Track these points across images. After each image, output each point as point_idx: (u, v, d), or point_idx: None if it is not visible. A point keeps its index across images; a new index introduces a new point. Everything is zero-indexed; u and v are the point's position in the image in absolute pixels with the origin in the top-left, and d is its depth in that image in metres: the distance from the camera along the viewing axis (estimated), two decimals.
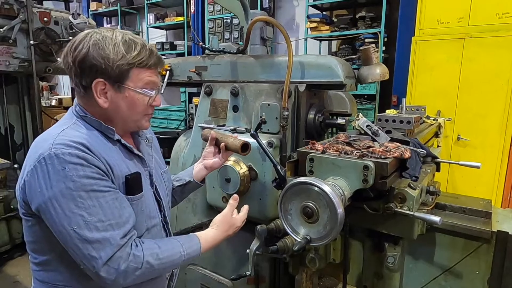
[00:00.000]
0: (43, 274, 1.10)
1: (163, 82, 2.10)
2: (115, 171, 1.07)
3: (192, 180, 1.49)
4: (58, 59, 1.10)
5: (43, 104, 4.44)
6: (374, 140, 1.48)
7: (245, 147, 1.45)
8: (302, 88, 1.69)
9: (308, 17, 5.12)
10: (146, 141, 1.30)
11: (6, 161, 3.46)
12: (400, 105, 2.12)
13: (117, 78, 1.05)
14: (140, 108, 1.12)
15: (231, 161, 1.73)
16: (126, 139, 1.18)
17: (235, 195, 1.38)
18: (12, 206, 3.57)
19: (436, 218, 1.16)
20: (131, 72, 1.06)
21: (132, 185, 1.11)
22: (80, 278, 1.07)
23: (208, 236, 1.26)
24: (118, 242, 1.01)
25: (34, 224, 1.05)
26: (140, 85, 1.09)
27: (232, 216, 1.32)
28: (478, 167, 1.59)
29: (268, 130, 1.73)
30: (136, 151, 1.18)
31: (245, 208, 1.37)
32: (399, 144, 1.37)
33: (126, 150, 1.15)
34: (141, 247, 1.06)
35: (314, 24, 5.05)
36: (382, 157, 1.23)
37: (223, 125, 1.89)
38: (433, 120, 2.47)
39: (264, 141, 1.56)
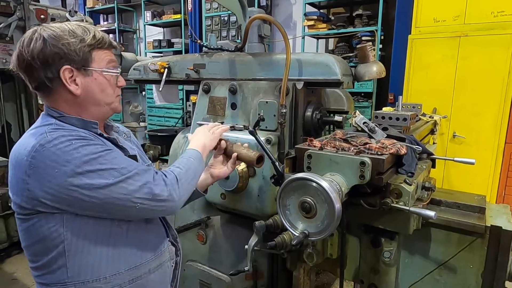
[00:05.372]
0: (47, 277, 1.08)
1: (161, 80, 2.11)
2: None
3: (195, 189, 1.45)
4: (11, 66, 1.09)
5: (40, 102, 4.40)
6: (370, 137, 1.50)
7: (260, 159, 1.44)
8: (299, 85, 1.71)
9: (305, 15, 5.14)
10: (124, 135, 1.32)
11: (4, 158, 3.46)
12: (397, 102, 2.14)
13: (81, 62, 1.07)
14: (111, 88, 1.16)
15: (242, 165, 1.73)
16: (107, 135, 1.20)
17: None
18: (9, 204, 3.55)
19: (431, 213, 1.19)
20: (93, 54, 1.09)
21: None
22: (89, 267, 1.08)
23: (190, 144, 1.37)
24: (149, 168, 1.12)
25: (38, 221, 1.03)
26: (104, 65, 1.13)
27: None
28: (472, 164, 1.62)
29: (266, 127, 1.75)
30: (120, 143, 1.20)
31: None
32: (395, 141, 1.39)
33: (110, 143, 1.16)
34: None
35: (311, 22, 5.06)
36: (379, 153, 1.25)
37: (222, 123, 1.90)
38: (429, 117, 2.50)
39: (262, 138, 1.58)
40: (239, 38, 2.28)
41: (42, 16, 3.68)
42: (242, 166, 1.74)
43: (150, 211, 1.09)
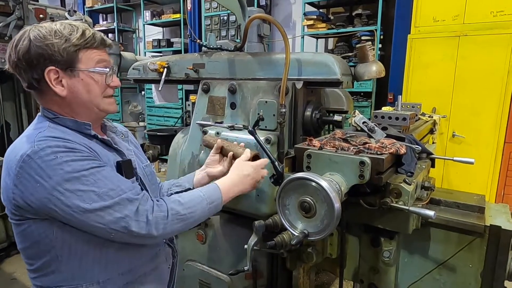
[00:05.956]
0: (43, 279, 1.08)
1: (161, 80, 2.11)
2: (103, 160, 1.07)
3: (192, 188, 1.47)
4: (6, 66, 1.08)
5: None
6: (370, 137, 1.50)
7: (255, 158, 1.45)
8: (299, 85, 1.71)
9: (304, 14, 5.14)
10: (122, 136, 1.30)
11: (2, 158, 3.45)
12: (396, 102, 2.14)
13: (67, 62, 1.04)
14: (98, 89, 1.11)
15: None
16: (102, 136, 1.18)
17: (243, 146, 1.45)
18: None
19: (431, 213, 1.19)
20: (79, 54, 1.06)
21: (124, 170, 1.12)
22: (82, 272, 1.07)
23: (224, 180, 1.30)
24: (135, 197, 1.04)
25: (29, 227, 1.03)
26: (92, 65, 1.08)
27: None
28: (472, 163, 1.62)
29: (266, 127, 1.74)
30: (115, 145, 1.19)
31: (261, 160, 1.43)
32: (394, 141, 1.39)
33: (104, 145, 1.15)
34: (162, 199, 1.11)
35: (311, 22, 5.06)
36: (378, 153, 1.25)
37: (221, 122, 1.90)
38: (428, 117, 2.50)
39: (261, 138, 1.58)
40: (239, 38, 2.27)
41: (41, 16, 3.67)
42: None
43: (126, 241, 1.06)
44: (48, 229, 1.02)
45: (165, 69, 2.11)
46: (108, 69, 1.12)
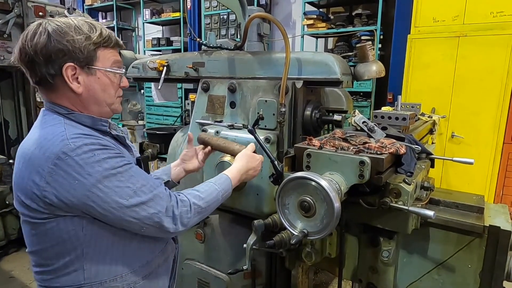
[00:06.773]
0: (63, 279, 1.06)
1: (160, 78, 2.11)
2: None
3: (170, 180, 1.50)
4: (11, 58, 1.07)
5: (38, 99, 4.39)
6: (370, 136, 1.50)
7: None
8: (299, 84, 1.71)
9: (304, 14, 5.13)
10: (122, 133, 1.30)
11: (2, 156, 3.44)
12: (396, 102, 2.14)
13: (86, 60, 1.04)
14: (113, 89, 1.13)
15: (228, 157, 1.74)
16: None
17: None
18: (7, 202, 3.55)
19: (430, 213, 1.19)
20: (97, 52, 1.07)
21: (143, 166, 1.16)
22: (106, 267, 1.07)
23: (232, 169, 1.36)
24: (165, 193, 1.09)
25: (57, 225, 1.01)
26: (108, 65, 1.10)
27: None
28: (471, 164, 1.62)
29: (266, 126, 1.74)
30: (127, 142, 1.20)
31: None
32: (394, 140, 1.39)
33: (117, 142, 1.16)
34: (183, 194, 1.15)
35: (311, 21, 5.05)
36: (378, 152, 1.25)
37: (220, 121, 1.90)
38: (428, 117, 2.50)
39: (261, 137, 1.58)
40: (239, 37, 2.26)
41: (40, 13, 3.66)
42: None
43: (153, 234, 1.10)
44: (78, 225, 1.02)
45: (165, 67, 2.11)
46: (123, 70, 1.15)
